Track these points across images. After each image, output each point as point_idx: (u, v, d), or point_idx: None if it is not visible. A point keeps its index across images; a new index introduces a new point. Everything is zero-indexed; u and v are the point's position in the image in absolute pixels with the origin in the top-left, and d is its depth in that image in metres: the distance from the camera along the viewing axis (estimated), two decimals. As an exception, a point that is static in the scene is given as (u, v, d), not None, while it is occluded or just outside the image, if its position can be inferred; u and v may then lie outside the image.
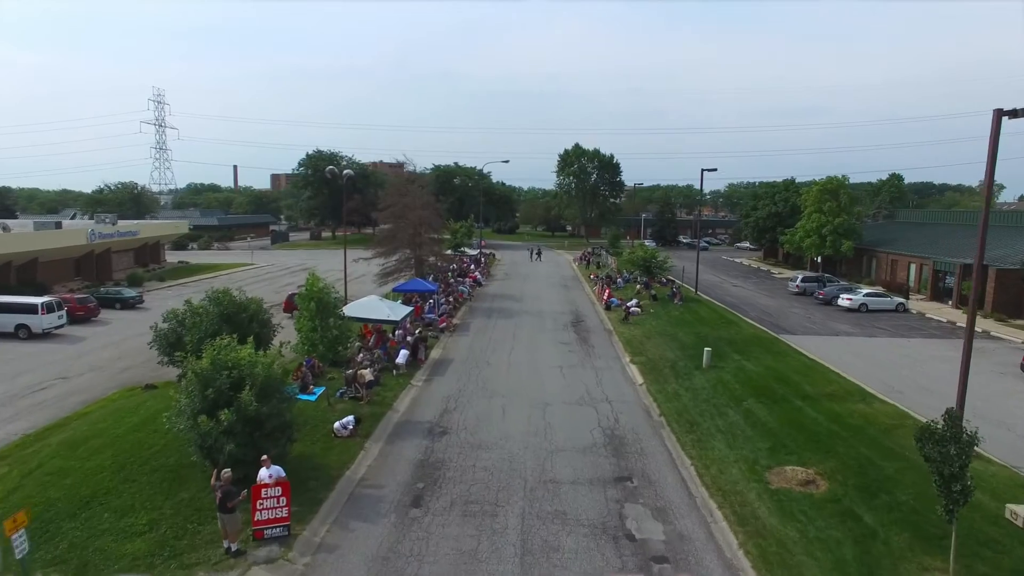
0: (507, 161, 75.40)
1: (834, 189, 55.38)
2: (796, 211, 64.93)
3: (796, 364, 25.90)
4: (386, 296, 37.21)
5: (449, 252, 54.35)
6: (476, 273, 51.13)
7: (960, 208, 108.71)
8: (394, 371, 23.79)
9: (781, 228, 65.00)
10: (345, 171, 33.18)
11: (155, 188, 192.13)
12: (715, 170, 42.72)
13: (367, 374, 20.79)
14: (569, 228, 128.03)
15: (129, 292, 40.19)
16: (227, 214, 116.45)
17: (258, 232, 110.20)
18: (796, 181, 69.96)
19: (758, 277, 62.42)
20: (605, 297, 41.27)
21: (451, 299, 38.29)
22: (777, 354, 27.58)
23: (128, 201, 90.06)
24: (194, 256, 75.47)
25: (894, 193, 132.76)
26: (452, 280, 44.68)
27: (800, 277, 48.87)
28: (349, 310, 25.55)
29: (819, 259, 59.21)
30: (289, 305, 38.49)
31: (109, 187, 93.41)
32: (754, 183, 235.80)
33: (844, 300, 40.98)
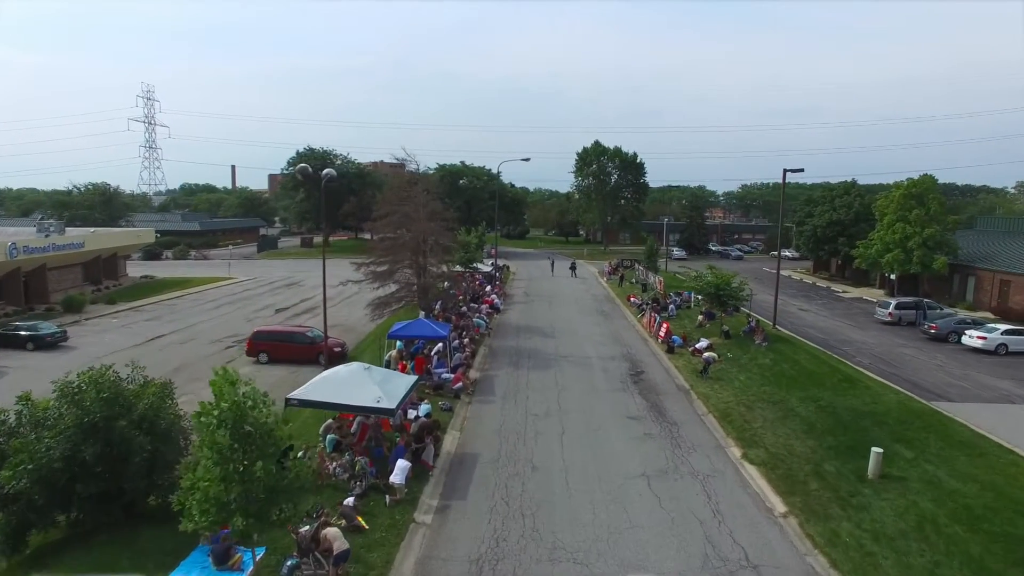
0: (528, 159, 64.74)
1: (920, 193, 46.22)
2: (861, 218, 55.88)
3: (1018, 474, 16.66)
4: (376, 340, 27.88)
5: (458, 269, 45.16)
6: (493, 296, 41.92)
7: (1003, 213, 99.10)
8: (387, 497, 14.62)
9: (844, 238, 55.79)
10: (326, 171, 23.89)
11: (144, 189, 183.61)
12: (802, 170, 33.55)
13: (336, 539, 11.57)
14: (582, 233, 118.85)
15: (47, 327, 31.02)
16: (212, 217, 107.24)
17: (247, 237, 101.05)
18: (857, 183, 60.78)
19: (820, 296, 53.16)
20: (663, 333, 32.07)
21: (466, 340, 29.09)
22: (965, 448, 18.33)
23: (99, 204, 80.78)
24: (167, 268, 66.31)
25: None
26: (465, 308, 35.47)
27: (894, 303, 39.55)
28: (313, 390, 16.28)
29: (892, 277, 50.07)
30: (255, 346, 29.39)
31: (78, 188, 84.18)
32: (768, 184, 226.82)
33: (974, 338, 31.69)
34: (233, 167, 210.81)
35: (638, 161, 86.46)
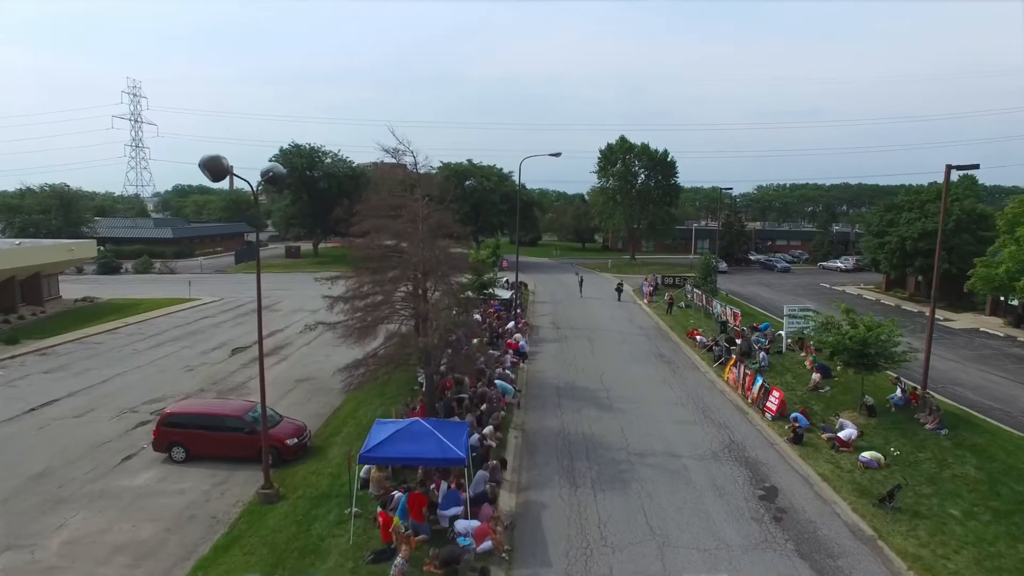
0: (558, 154, 50.85)
1: (1066, 198, 35.90)
2: (963, 228, 45.64)
3: None
4: (353, 416, 17.10)
5: (468, 295, 34.83)
6: (517, 336, 31.53)
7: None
8: None
9: (943, 253, 45.27)
10: (267, 166, 13.32)
11: (131, 190, 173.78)
12: (976, 167, 23.63)
13: None
14: (598, 238, 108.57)
15: None
16: (190, 222, 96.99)
17: (228, 245, 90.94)
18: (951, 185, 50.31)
19: (918, 326, 42.56)
20: (773, 406, 21.78)
21: (488, 430, 18.79)
22: None
23: (55, 208, 70.68)
24: (121, 286, 56.06)
25: (969, 197, 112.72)
26: (482, 361, 25.06)
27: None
28: None
29: (1015, 302, 39.87)
30: (165, 437, 19.20)
31: (32, 189, 74.12)
32: (785, 185, 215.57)
33: None
34: (231, 167, 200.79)
35: (668, 159, 76.09)
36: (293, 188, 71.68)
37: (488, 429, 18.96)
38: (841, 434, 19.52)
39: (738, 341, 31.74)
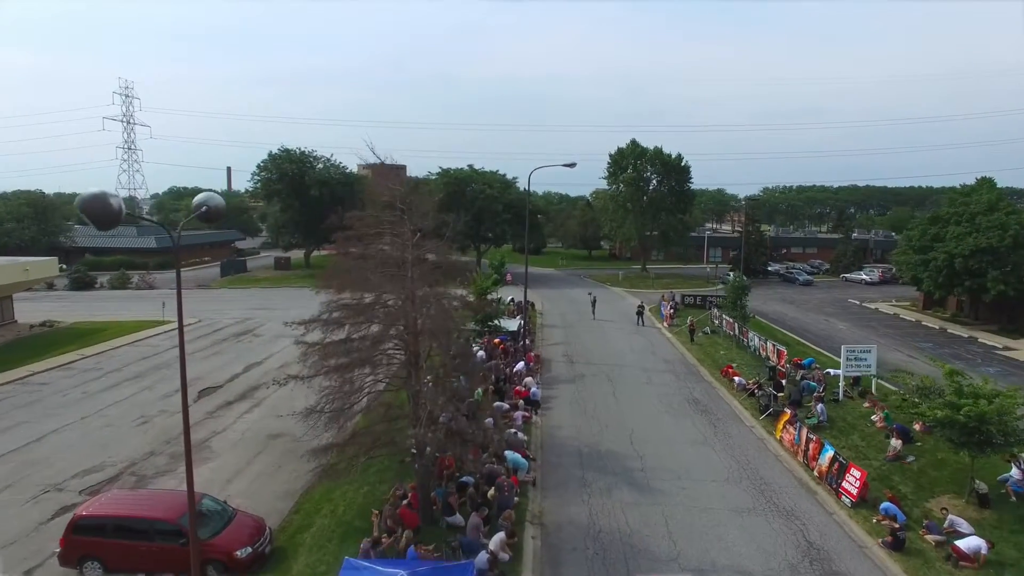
0: (573, 165, 43.90)
1: None
2: (1021, 245, 41.10)
3: None
4: (329, 505, 12.98)
5: (472, 328, 30.43)
6: (528, 381, 26.95)
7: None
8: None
9: (997, 272, 40.80)
10: (200, 196, 8.91)
11: (123, 192, 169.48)
12: None
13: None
14: (604, 245, 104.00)
15: None
16: (175, 229, 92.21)
17: (217, 254, 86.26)
18: (1003, 194, 45.92)
19: (975, 355, 38.04)
20: (853, 489, 17.32)
21: (498, 543, 14.34)
22: None
23: (29, 216, 66.22)
24: (92, 304, 51.54)
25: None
26: (490, 423, 20.53)
27: None
28: None
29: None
30: (75, 548, 14.73)
31: (5, 197, 69.69)
32: (791, 187, 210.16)
33: None
34: (229, 168, 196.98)
35: (683, 164, 71.53)
36: (283, 195, 67.23)
37: (499, 538, 14.48)
38: (963, 544, 14.94)
39: (784, 383, 27.29)
